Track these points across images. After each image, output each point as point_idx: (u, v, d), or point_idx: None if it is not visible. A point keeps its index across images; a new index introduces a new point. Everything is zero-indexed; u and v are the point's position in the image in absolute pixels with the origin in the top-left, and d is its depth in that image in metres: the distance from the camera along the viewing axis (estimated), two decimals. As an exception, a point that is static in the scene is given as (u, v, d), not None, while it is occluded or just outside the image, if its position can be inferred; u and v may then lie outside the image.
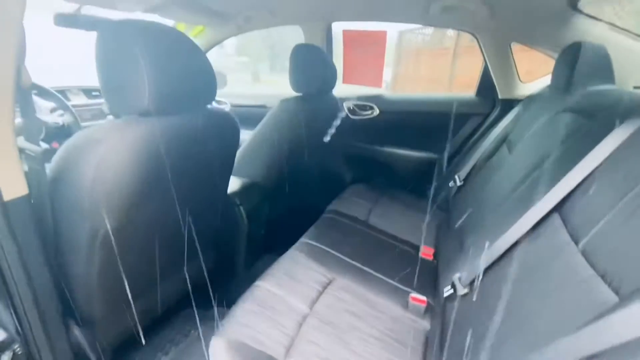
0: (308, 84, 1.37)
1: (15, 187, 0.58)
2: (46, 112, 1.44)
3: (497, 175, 1.21)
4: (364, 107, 1.77)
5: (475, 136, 1.59)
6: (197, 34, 1.93)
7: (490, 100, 1.55)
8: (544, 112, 1.12)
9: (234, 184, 1.29)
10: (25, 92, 0.63)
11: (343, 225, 1.33)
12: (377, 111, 1.74)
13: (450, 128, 1.66)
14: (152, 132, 0.68)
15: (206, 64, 0.80)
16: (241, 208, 1.25)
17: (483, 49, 1.42)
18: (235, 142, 1.00)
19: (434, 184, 1.76)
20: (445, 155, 1.70)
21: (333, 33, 1.68)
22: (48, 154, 0.67)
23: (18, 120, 0.62)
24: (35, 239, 0.63)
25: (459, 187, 1.46)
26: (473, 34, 1.42)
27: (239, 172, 1.37)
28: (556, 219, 0.64)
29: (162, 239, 0.86)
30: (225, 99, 2.13)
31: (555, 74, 1.10)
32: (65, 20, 1.34)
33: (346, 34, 1.64)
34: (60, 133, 1.42)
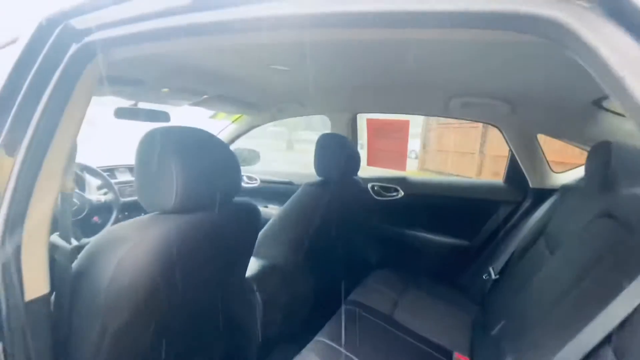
0: (331, 170, 1.42)
1: (37, 286, 0.61)
2: (94, 189, 1.59)
3: (538, 277, 1.10)
4: (388, 189, 1.77)
5: (508, 225, 1.50)
6: (236, 119, 2.14)
7: (521, 188, 1.50)
8: (583, 210, 1.05)
9: (252, 266, 1.28)
10: (65, 195, 0.70)
11: (364, 320, 1.23)
12: (401, 193, 1.73)
13: (480, 215, 1.60)
14: (176, 230, 0.71)
15: (233, 161, 0.86)
16: (257, 295, 1.22)
17: (508, 140, 1.43)
18: (255, 233, 1.01)
19: (465, 273, 1.63)
20: (477, 243, 1.60)
21: (358, 120, 1.79)
22: (77, 251, 0.71)
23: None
24: (48, 337, 0.64)
25: (495, 281, 1.34)
26: (496, 126, 1.44)
27: (259, 252, 1.36)
28: (609, 354, 0.55)
29: (172, 332, 0.83)
30: (256, 174, 2.25)
31: (588, 172, 1.05)
32: (125, 113, 1.56)
33: (370, 122, 1.74)
34: (102, 208, 1.54)
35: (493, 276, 1.34)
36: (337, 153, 1.42)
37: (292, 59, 1.10)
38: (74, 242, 0.68)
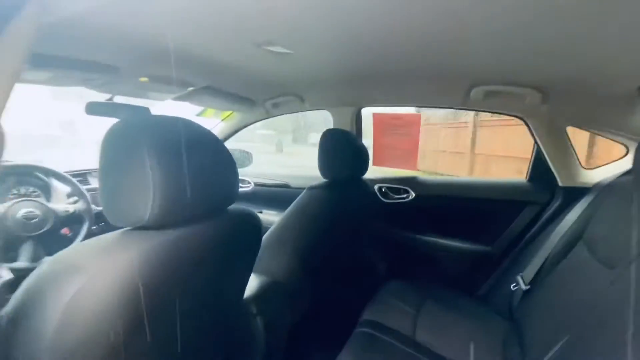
0: (338, 171, 1.24)
1: None
2: (62, 197, 1.37)
3: (584, 287, 0.95)
4: (397, 191, 1.61)
5: (535, 228, 1.35)
6: (226, 117, 1.94)
7: (548, 187, 1.35)
8: (635, 210, 0.90)
9: (251, 285, 1.09)
10: None
11: (384, 345, 1.05)
12: (412, 195, 1.57)
13: (502, 217, 1.44)
14: (152, 254, 0.52)
15: (228, 162, 0.67)
16: (258, 319, 1.03)
17: (535, 133, 1.28)
18: (256, 247, 0.83)
19: (486, 283, 1.48)
20: (499, 248, 1.45)
21: (363, 114, 1.62)
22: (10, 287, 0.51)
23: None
24: None
25: (526, 292, 1.18)
26: (521, 118, 1.29)
27: (259, 268, 1.17)
28: None
29: None
30: (250, 177, 2.06)
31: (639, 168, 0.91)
32: (98, 108, 1.35)
33: (376, 117, 1.58)
34: (71, 219, 1.32)
35: (523, 286, 1.18)
36: (343, 151, 1.25)
37: (292, 38, 0.92)
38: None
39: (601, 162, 1.33)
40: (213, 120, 1.96)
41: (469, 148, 6.69)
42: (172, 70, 1.13)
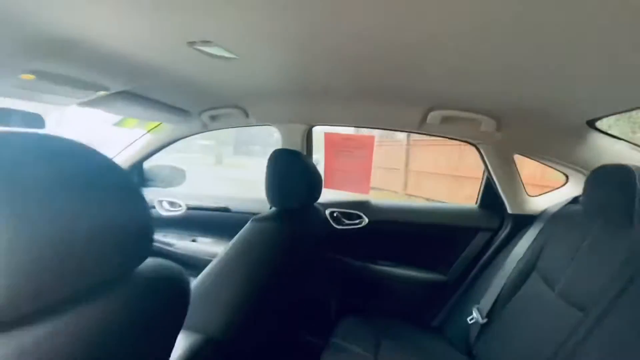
0: (288, 199, 1.07)
1: None
2: None
3: (545, 322, 0.92)
4: (350, 216, 1.49)
5: (487, 255, 1.34)
6: (152, 129, 1.64)
7: (497, 214, 1.36)
8: (587, 241, 0.91)
9: (179, 346, 0.84)
10: None
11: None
12: (365, 220, 1.47)
13: (455, 244, 1.41)
14: None
15: (137, 202, 0.46)
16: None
17: (487, 160, 1.28)
18: (181, 313, 0.61)
19: (442, 313, 1.42)
20: (453, 276, 1.41)
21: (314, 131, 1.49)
22: None
23: None
24: None
25: (483, 326, 1.13)
26: (474, 145, 1.28)
27: (189, 323, 0.92)
28: None
29: None
30: (181, 200, 1.76)
31: (590, 199, 0.92)
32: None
33: (328, 137, 1.46)
34: None
35: (480, 320, 1.13)
36: (294, 176, 1.09)
37: (234, 39, 0.75)
38: None
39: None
40: (137, 132, 1.65)
41: (403, 165, 7.07)
42: (73, 68, 0.86)
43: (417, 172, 6.80)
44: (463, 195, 5.54)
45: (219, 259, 0.99)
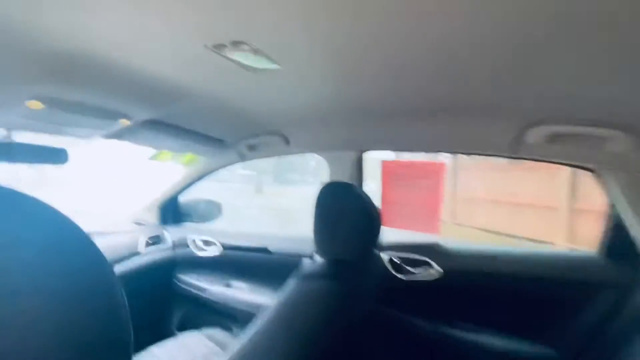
0: (343, 247, 0.82)
1: None
2: None
3: None
4: (415, 263, 1.18)
5: (617, 321, 0.95)
6: (188, 161, 1.52)
7: (631, 264, 0.98)
8: None
9: None
10: None
11: None
12: (436, 269, 1.15)
13: (565, 304, 1.04)
14: None
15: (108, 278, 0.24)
16: None
17: (615, 192, 0.92)
18: None
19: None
20: (569, 351, 1.02)
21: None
22: None
23: None
24: None
25: None
26: (594, 171, 0.94)
27: None
28: None
29: None
30: (217, 237, 1.57)
31: None
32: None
33: (387, 165, 1.20)
34: None
35: None
36: (351, 217, 0.83)
37: (279, 48, 0.55)
38: None
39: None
40: (171, 165, 1.53)
41: (450, 190, 6.43)
42: (86, 93, 0.72)
43: (466, 199, 6.19)
44: (524, 226, 4.84)
45: (258, 328, 0.75)
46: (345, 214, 0.83)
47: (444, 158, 5.98)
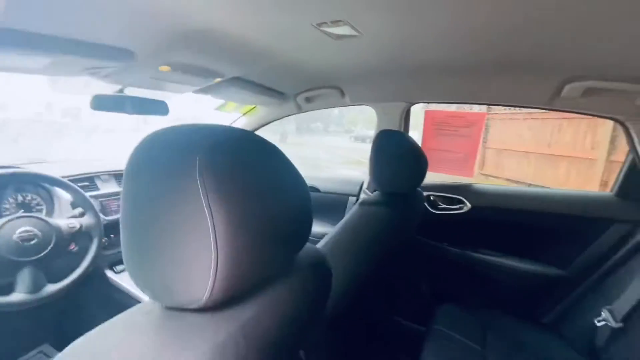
0: (396, 183, 1.04)
1: None
2: (67, 207, 1.17)
3: None
4: (450, 200, 1.40)
5: (623, 252, 1.14)
6: (247, 111, 1.72)
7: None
8: None
9: None
10: None
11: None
12: (467, 205, 1.36)
13: (580, 236, 1.24)
14: (224, 351, 0.33)
15: (305, 191, 0.47)
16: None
17: (637, 140, 1.06)
18: (326, 299, 0.63)
19: (555, 311, 1.28)
20: (575, 273, 1.25)
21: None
22: None
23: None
24: None
25: (616, 331, 0.99)
26: (621, 122, 1.07)
27: None
28: None
29: None
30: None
31: None
32: (106, 103, 1.13)
33: (430, 115, 1.36)
34: (76, 237, 1.12)
35: (613, 323, 0.99)
36: (403, 159, 1.04)
37: (363, 17, 0.70)
38: None
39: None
40: (234, 115, 1.74)
41: (480, 140, 6.36)
42: (201, 58, 0.91)
43: (497, 150, 6.12)
44: (555, 178, 4.82)
45: (330, 238, 1.02)
46: (398, 156, 1.03)
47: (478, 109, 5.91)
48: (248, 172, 0.36)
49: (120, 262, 1.35)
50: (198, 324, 0.34)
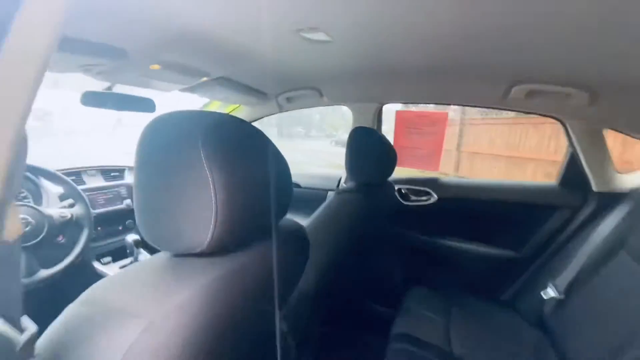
0: (368, 174, 1.15)
1: None
2: (55, 200, 1.21)
3: (630, 299, 0.92)
4: (418, 192, 1.53)
5: (566, 233, 1.31)
6: (231, 110, 1.80)
7: (580, 192, 1.31)
8: None
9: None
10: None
11: (424, 362, 0.98)
12: (434, 197, 1.50)
13: (528, 222, 1.40)
14: (218, 288, 0.42)
15: (285, 168, 0.57)
16: (289, 337, 0.93)
17: (573, 136, 1.23)
18: (303, 266, 0.73)
19: (510, 289, 1.44)
20: (526, 253, 1.41)
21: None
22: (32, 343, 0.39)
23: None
24: None
25: (560, 302, 1.14)
26: (560, 120, 1.24)
27: None
28: None
29: None
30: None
31: None
32: (96, 99, 1.19)
33: (400, 114, 1.49)
34: (66, 226, 1.16)
35: (557, 295, 1.14)
36: (372, 153, 1.16)
37: (337, 24, 0.81)
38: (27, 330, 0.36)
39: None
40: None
41: (455, 146, 6.73)
42: (190, 57, 1.00)
43: (470, 153, 6.48)
44: (523, 178, 5.17)
45: (312, 221, 1.12)
46: (370, 150, 1.15)
47: (452, 112, 6.28)
48: (240, 147, 0.46)
49: (107, 255, 1.40)
50: (197, 266, 0.44)
